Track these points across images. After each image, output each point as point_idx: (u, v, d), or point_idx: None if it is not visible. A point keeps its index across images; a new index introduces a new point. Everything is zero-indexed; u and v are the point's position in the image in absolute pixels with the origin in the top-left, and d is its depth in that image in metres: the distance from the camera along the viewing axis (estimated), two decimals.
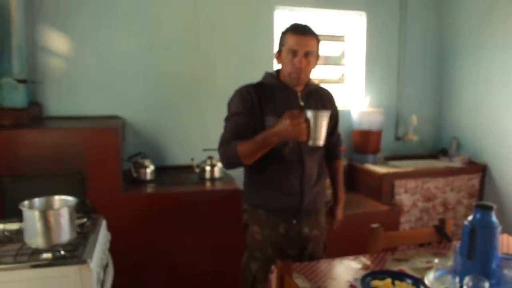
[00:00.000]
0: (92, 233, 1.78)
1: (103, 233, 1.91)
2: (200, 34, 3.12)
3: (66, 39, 2.87)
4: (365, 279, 1.45)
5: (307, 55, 1.74)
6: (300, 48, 1.73)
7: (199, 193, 2.66)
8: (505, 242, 1.88)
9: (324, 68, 3.62)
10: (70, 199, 1.72)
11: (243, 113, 1.76)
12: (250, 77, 1.96)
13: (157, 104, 3.08)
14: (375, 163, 3.40)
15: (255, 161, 1.70)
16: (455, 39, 3.65)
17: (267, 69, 1.92)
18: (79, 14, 2.87)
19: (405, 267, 1.62)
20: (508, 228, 2.86)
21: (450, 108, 3.75)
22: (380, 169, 3.21)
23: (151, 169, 2.80)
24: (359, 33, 3.60)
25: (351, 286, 1.47)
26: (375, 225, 1.81)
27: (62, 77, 2.88)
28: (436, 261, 1.49)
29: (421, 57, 3.76)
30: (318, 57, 1.83)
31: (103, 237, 1.87)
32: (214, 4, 3.14)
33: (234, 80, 2.08)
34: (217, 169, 2.88)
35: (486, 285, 1.25)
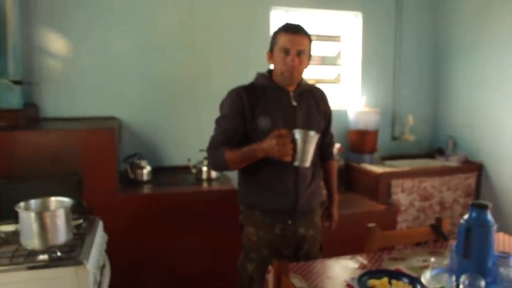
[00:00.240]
0: (88, 234, 1.77)
1: (100, 234, 1.90)
2: (196, 35, 3.12)
3: (62, 40, 2.86)
4: (361, 279, 1.45)
5: (299, 54, 1.74)
6: (292, 47, 1.73)
7: (196, 193, 2.66)
8: (501, 240, 1.89)
9: (320, 68, 3.62)
10: (66, 200, 1.71)
11: (233, 116, 1.77)
12: (246, 77, 1.96)
13: (153, 105, 3.08)
14: (371, 162, 3.41)
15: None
16: (450, 39, 3.66)
17: (263, 70, 1.92)
18: (75, 14, 2.86)
19: (402, 266, 1.62)
20: (504, 226, 2.88)
21: (446, 107, 3.76)
22: (376, 169, 3.21)
23: (147, 170, 2.80)
24: (355, 33, 3.61)
25: (348, 285, 1.48)
26: (371, 225, 1.82)
27: (58, 78, 2.88)
28: (432, 260, 1.49)
29: (417, 57, 3.77)
30: (310, 57, 1.83)
31: (99, 238, 1.87)
32: (210, 5, 3.14)
33: (230, 80, 2.08)
34: None
35: (482, 284, 1.26)
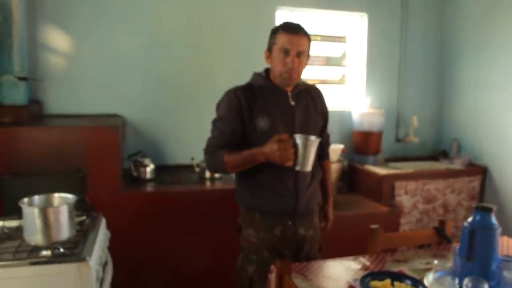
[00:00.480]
0: (91, 231, 1.78)
1: (103, 231, 1.91)
2: (201, 32, 3.12)
3: (67, 37, 2.87)
4: (364, 280, 1.45)
5: (299, 55, 1.72)
6: (292, 47, 1.71)
7: (199, 192, 2.66)
8: (505, 244, 1.88)
9: (325, 69, 3.62)
10: (69, 196, 1.72)
11: (231, 117, 1.75)
12: (250, 77, 1.95)
13: (157, 102, 3.08)
14: (375, 164, 3.40)
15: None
16: (456, 40, 3.65)
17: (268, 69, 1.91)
18: (80, 12, 2.87)
19: (405, 268, 1.62)
20: (508, 230, 2.86)
21: (451, 109, 3.75)
22: (380, 170, 3.20)
23: (151, 168, 2.80)
24: (360, 34, 3.60)
25: (350, 286, 1.47)
26: (375, 226, 1.81)
27: (62, 75, 2.88)
28: (435, 262, 1.48)
29: (422, 58, 3.75)
30: (308, 57, 1.81)
31: (102, 235, 1.87)
32: (215, 2, 3.14)
33: (234, 79, 2.07)
34: None
35: (485, 287, 1.25)
